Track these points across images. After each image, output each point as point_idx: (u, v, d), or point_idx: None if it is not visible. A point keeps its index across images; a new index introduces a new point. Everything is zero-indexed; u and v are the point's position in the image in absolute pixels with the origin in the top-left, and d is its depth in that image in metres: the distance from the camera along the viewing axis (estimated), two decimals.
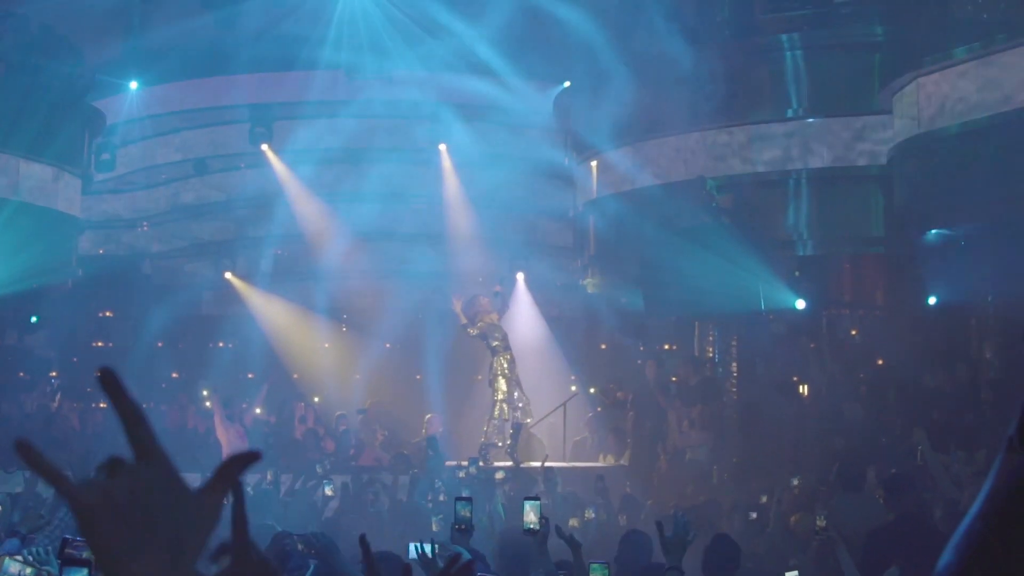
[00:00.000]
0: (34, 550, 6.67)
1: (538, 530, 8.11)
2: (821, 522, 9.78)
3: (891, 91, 18.26)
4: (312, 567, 5.96)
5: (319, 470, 14.92)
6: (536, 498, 8.31)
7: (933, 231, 17.77)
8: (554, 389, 24.11)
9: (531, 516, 8.03)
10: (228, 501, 1.80)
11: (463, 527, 8.23)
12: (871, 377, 20.59)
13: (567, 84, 24.67)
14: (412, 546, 8.11)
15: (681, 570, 7.63)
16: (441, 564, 7.75)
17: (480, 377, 24.35)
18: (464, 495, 9.23)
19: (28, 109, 21.27)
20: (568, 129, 24.58)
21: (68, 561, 5.83)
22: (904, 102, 17.98)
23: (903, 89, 17.89)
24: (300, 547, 9.03)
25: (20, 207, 21.56)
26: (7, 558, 6.58)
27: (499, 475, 16.21)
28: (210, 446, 22.13)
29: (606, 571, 7.70)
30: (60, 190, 22.81)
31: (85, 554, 5.79)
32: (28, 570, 6.43)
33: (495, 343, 20.18)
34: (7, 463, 18.90)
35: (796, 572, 8.87)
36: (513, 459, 19.53)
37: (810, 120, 19.76)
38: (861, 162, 19.04)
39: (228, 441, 21.25)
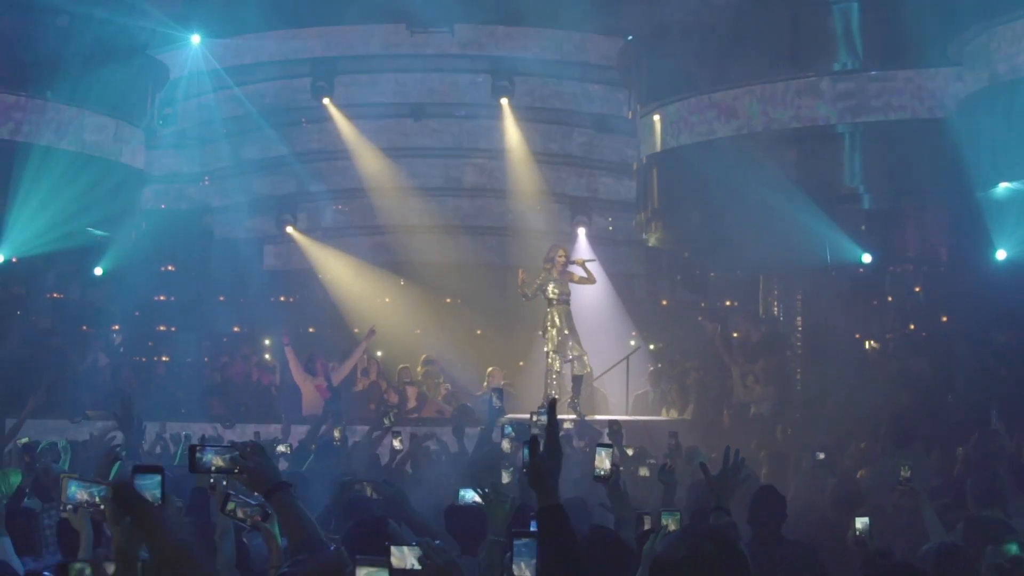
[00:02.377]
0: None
1: (609, 476, 8.07)
2: (905, 472, 9.66)
3: (961, 43, 18.02)
4: None
5: (386, 421, 14.88)
6: (609, 444, 8.25)
7: (1001, 185, 17.57)
8: (615, 344, 24.09)
9: (604, 462, 7.98)
10: None
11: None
12: (937, 333, 20.43)
13: (630, 37, 24.46)
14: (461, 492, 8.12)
15: (727, 510, 7.57)
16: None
17: (540, 332, 24.34)
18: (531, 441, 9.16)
19: (92, 62, 21.32)
20: (631, 82, 24.39)
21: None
22: (973, 54, 17.76)
23: (973, 41, 17.66)
24: (370, 493, 9.05)
25: (85, 159, 21.67)
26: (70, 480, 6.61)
27: (566, 425, 16.18)
28: (275, 398, 22.29)
29: (678, 517, 7.67)
30: (124, 143, 22.89)
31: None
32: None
33: (551, 296, 20.08)
34: (74, 413, 19.11)
35: (867, 519, 8.77)
36: (576, 411, 19.50)
37: (874, 72, 19.53)
38: (927, 114, 18.81)
39: (307, 394, 21.35)
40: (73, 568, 3.88)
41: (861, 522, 9.00)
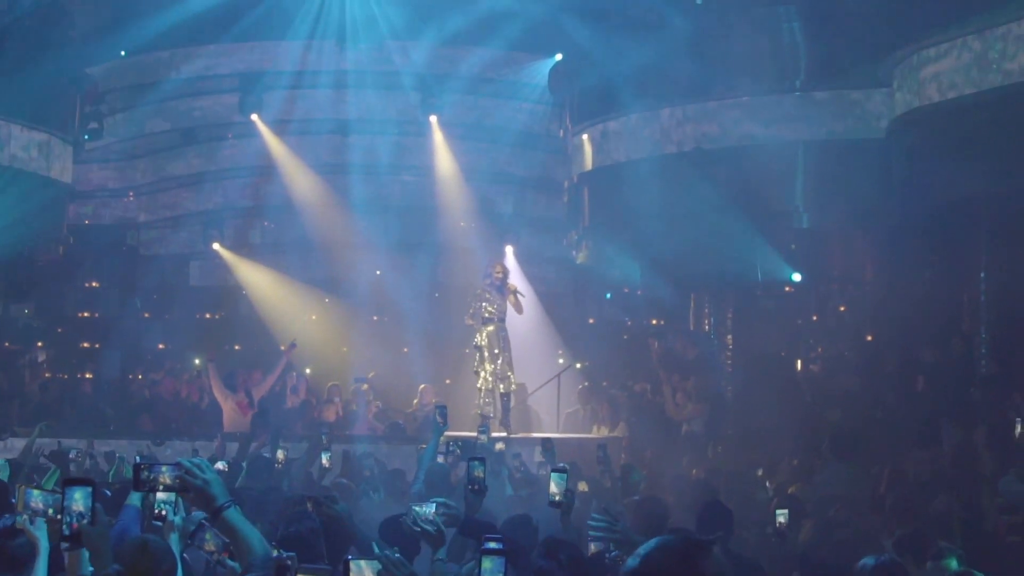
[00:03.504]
0: None
1: (563, 502, 8.10)
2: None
3: (890, 64, 18.24)
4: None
5: (324, 440, 14.83)
6: (564, 470, 8.27)
7: (931, 204, 17.77)
8: (544, 362, 24.11)
9: (556, 488, 8.03)
10: None
11: (476, 487, 8.22)
12: (867, 350, 20.63)
13: (559, 57, 24.57)
14: (414, 508, 8.10)
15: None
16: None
17: (467, 350, 24.31)
18: (478, 456, 9.18)
19: (21, 74, 21.11)
20: (562, 101, 24.49)
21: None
22: (903, 75, 17.96)
23: (902, 62, 17.87)
24: (310, 507, 8.99)
25: (11, 173, 21.43)
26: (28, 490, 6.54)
27: (499, 445, 16.17)
28: (204, 415, 22.12)
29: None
30: (52, 157, 22.68)
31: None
32: None
33: (486, 314, 20.07)
34: (1, 430, 18.87)
35: (787, 510, 9.05)
36: (506, 429, 19.52)
37: (808, 93, 19.71)
38: (860, 135, 19.00)
39: (227, 411, 21.20)
40: None
41: (781, 514, 9.18)
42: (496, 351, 20.07)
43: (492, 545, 5.85)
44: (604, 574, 7.47)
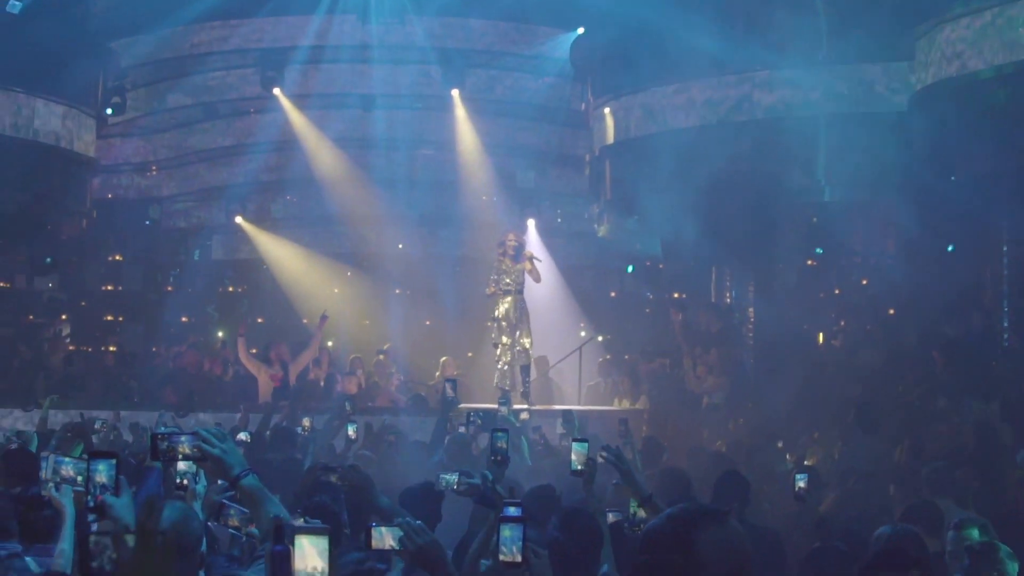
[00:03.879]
0: None
1: (584, 470, 8.14)
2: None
3: (912, 38, 18.19)
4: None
5: (348, 408, 14.91)
6: (584, 440, 8.32)
7: (953, 177, 17.74)
8: (565, 335, 24.16)
9: (577, 457, 8.08)
10: None
11: (499, 458, 8.27)
12: (889, 324, 20.62)
13: (581, 30, 24.57)
14: (443, 477, 8.14)
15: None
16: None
17: (489, 323, 24.37)
18: (500, 427, 9.24)
19: (44, 48, 21.19)
20: (584, 74, 24.49)
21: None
22: (924, 49, 17.92)
23: (924, 36, 17.83)
24: (334, 479, 9.05)
25: (36, 147, 21.54)
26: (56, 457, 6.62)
27: (523, 415, 16.24)
28: (228, 387, 22.24)
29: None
30: (75, 131, 22.78)
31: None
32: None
33: (504, 286, 20.10)
34: (26, 402, 19.01)
35: (806, 475, 9.15)
36: (526, 400, 19.58)
37: (830, 66, 19.67)
38: (882, 108, 18.95)
39: (263, 383, 21.29)
40: (91, 539, 3.89)
41: (801, 478, 9.22)
42: (515, 322, 20.11)
43: (512, 511, 5.91)
44: (623, 544, 7.53)
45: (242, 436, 13.49)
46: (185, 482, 7.50)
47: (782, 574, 8.42)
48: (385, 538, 5.84)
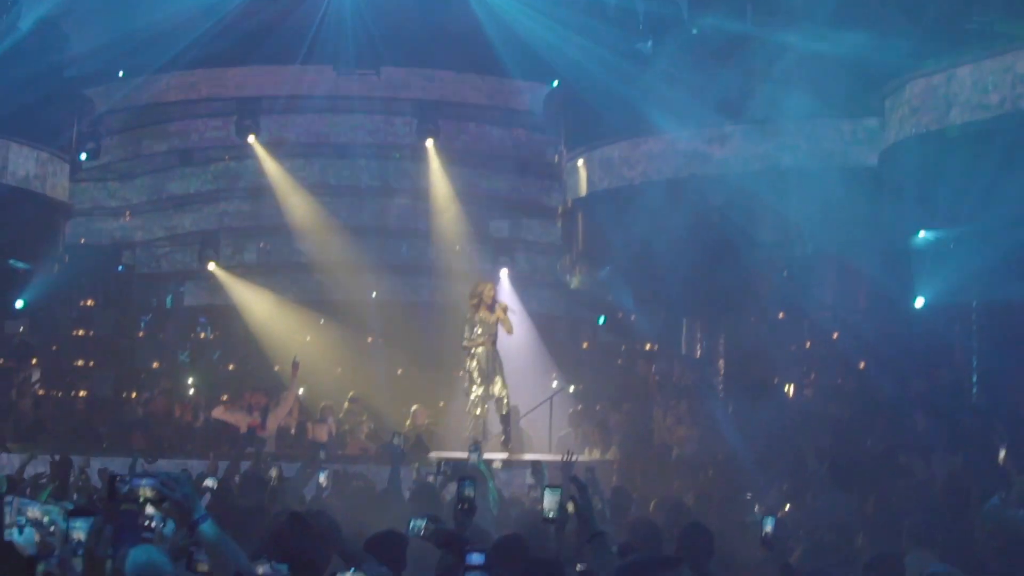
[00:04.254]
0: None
1: (556, 518, 8.14)
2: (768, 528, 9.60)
3: (883, 94, 18.35)
4: None
5: (322, 455, 14.95)
6: (558, 486, 8.32)
7: (921, 233, 17.86)
8: (537, 385, 24.18)
9: (551, 504, 8.07)
10: None
11: (465, 506, 8.27)
12: (859, 378, 20.70)
13: (556, 83, 24.73)
14: (412, 522, 8.15)
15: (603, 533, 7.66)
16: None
17: (461, 372, 24.35)
18: (468, 476, 9.26)
19: (19, 94, 21.23)
20: (557, 127, 24.64)
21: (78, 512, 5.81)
22: (895, 105, 18.08)
23: (895, 92, 17.99)
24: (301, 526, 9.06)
25: (9, 190, 21.54)
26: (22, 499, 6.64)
27: (496, 464, 16.26)
28: (197, 433, 22.20)
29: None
30: (49, 175, 22.79)
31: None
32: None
33: (478, 336, 20.09)
34: None
35: (773, 518, 9.17)
36: (507, 449, 19.59)
37: (797, 122, 19.79)
38: (851, 163, 19.08)
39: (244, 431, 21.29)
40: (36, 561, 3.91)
41: (768, 522, 9.22)
42: (488, 372, 20.08)
43: (475, 559, 5.95)
44: None
45: (209, 483, 13.45)
46: (153, 524, 7.50)
47: None
48: None
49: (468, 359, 20.22)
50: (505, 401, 20.18)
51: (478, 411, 20.06)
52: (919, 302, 18.35)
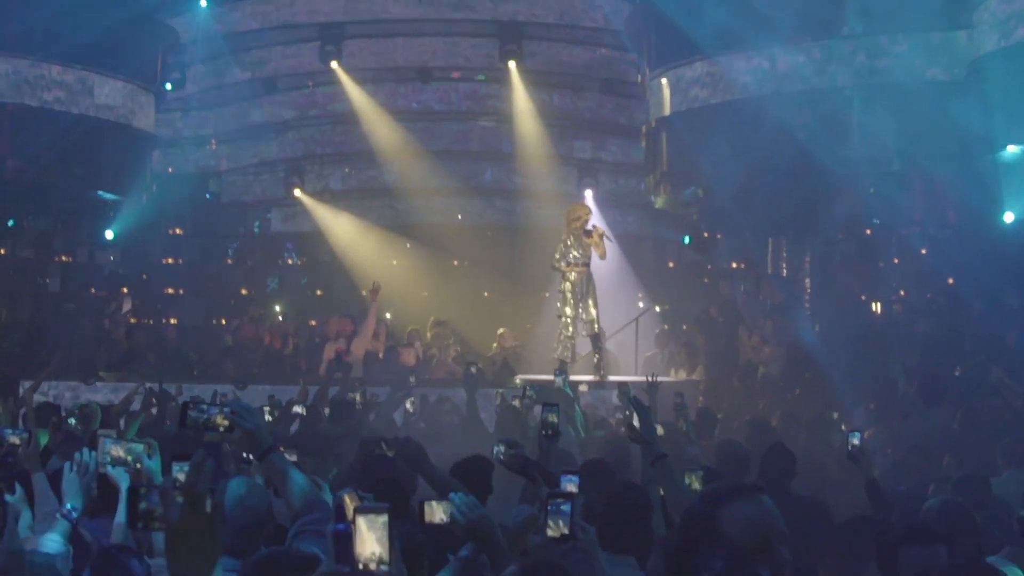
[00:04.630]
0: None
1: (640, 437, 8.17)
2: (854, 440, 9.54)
3: (971, 6, 18.05)
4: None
5: (412, 380, 15.05)
6: (644, 407, 8.34)
7: (1009, 148, 17.61)
8: (623, 306, 24.17)
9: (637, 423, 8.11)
10: None
11: (549, 432, 8.27)
12: (944, 296, 20.51)
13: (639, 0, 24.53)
14: (495, 447, 8.18)
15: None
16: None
17: (548, 295, 24.35)
18: (551, 402, 9.28)
19: (103, 25, 21.35)
20: (640, 44, 24.43)
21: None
22: (983, 17, 17.78)
23: (983, 3, 17.69)
24: (389, 452, 9.16)
25: (97, 123, 21.74)
26: (106, 439, 6.74)
27: (582, 388, 16.29)
28: (287, 360, 22.41)
29: (701, 476, 7.77)
30: (135, 107, 22.96)
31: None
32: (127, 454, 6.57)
33: (571, 259, 19.96)
34: (87, 375, 19.26)
35: (859, 433, 9.20)
36: (599, 372, 19.62)
37: (884, 36, 19.52)
38: (939, 77, 18.81)
39: (328, 357, 21.49)
40: (140, 491, 3.96)
41: (855, 436, 9.23)
42: (582, 295, 20.03)
43: (566, 484, 6.00)
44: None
45: (298, 409, 13.62)
46: (248, 456, 7.61)
47: (828, 543, 8.43)
48: (436, 512, 5.89)
49: (562, 281, 20.12)
50: (596, 324, 20.10)
51: (569, 332, 20.03)
52: (1008, 217, 18.10)
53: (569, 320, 19.97)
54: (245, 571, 4.96)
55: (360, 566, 3.96)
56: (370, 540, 3.97)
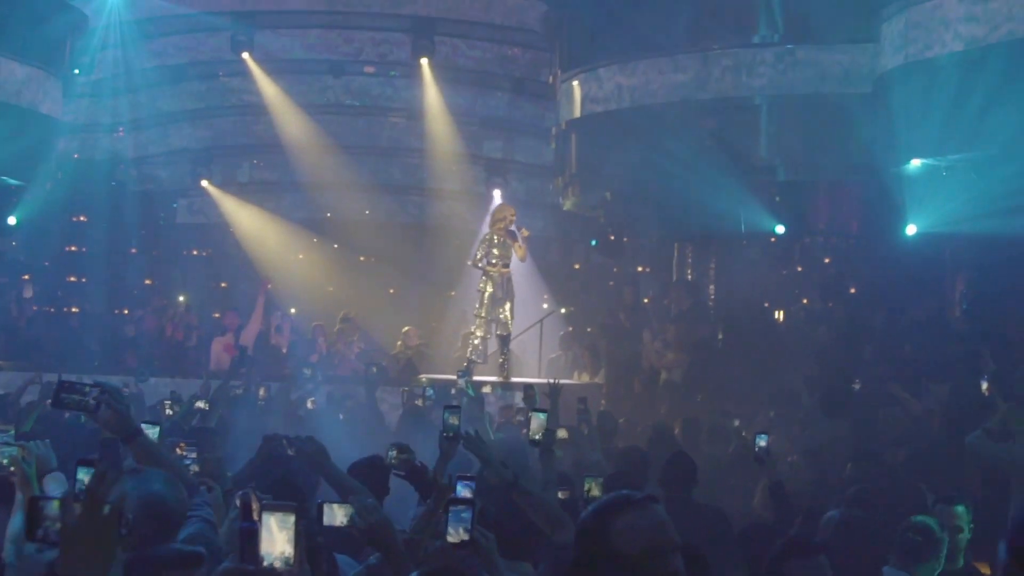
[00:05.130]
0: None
1: (542, 441, 8.25)
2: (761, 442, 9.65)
3: (878, 20, 18.25)
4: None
5: (307, 372, 15.00)
6: (543, 410, 8.44)
7: (913, 161, 17.84)
8: (528, 307, 24.20)
9: (537, 427, 8.18)
10: None
11: (451, 435, 8.28)
12: (845, 305, 20.75)
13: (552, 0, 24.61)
14: (388, 451, 8.17)
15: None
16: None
17: (454, 293, 24.39)
18: (453, 404, 9.31)
19: (10, 8, 21.09)
20: (553, 45, 24.50)
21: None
22: (890, 32, 18.00)
23: (891, 18, 17.89)
24: (290, 451, 9.13)
25: (2, 107, 21.43)
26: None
27: (486, 388, 16.33)
28: (188, 352, 22.26)
29: (601, 483, 7.84)
30: (42, 91, 22.64)
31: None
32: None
33: (492, 260, 19.96)
34: None
35: (767, 435, 9.30)
36: (503, 374, 19.62)
37: (794, 46, 19.71)
38: (846, 89, 19.03)
39: (216, 351, 21.36)
40: (39, 503, 3.92)
41: (761, 438, 9.33)
42: (500, 297, 20.02)
43: (462, 491, 6.02)
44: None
45: (200, 404, 13.53)
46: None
47: (727, 551, 8.53)
48: (336, 514, 5.87)
49: (482, 280, 20.10)
50: (509, 325, 20.13)
51: (480, 332, 20.03)
52: (911, 230, 18.34)
53: (483, 321, 19.96)
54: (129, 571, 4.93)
55: (265, 564, 3.95)
56: (280, 539, 3.96)
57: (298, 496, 7.36)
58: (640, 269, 26.33)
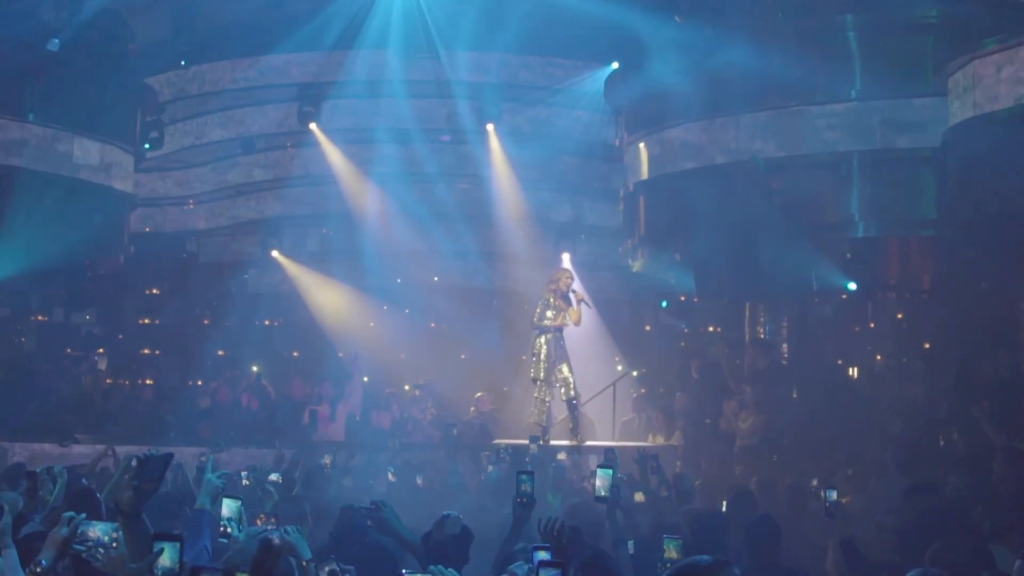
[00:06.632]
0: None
1: (608, 498, 8.19)
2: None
3: (946, 73, 18.16)
4: None
5: (391, 445, 14.99)
6: (609, 467, 8.38)
7: (987, 214, 17.68)
8: (600, 370, 24.11)
9: (602, 484, 8.14)
10: None
11: (524, 500, 8.23)
12: (926, 359, 20.48)
13: (615, 65, 24.67)
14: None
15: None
16: None
17: (524, 357, 24.31)
18: (527, 470, 9.25)
19: (83, 86, 21.39)
20: (618, 109, 24.55)
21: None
22: (959, 84, 17.89)
23: (959, 71, 17.80)
24: (368, 522, 9.11)
25: (75, 183, 21.71)
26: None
27: (561, 455, 16.22)
28: (263, 423, 22.32)
29: (680, 545, 7.76)
30: (114, 167, 22.94)
31: None
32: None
33: (546, 322, 19.82)
34: (63, 437, 19.11)
35: (835, 489, 9.12)
36: (576, 437, 19.43)
37: (864, 102, 19.62)
38: (915, 144, 18.91)
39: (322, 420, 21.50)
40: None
41: (832, 492, 9.21)
42: (555, 358, 19.86)
43: (542, 555, 5.97)
44: None
45: (273, 477, 13.49)
46: (228, 529, 7.56)
47: None
48: None
49: (536, 339, 19.97)
50: (572, 385, 19.94)
51: (538, 395, 19.89)
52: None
53: (543, 383, 19.77)
54: None
55: None
56: None
57: (387, 566, 7.34)
58: (711, 329, 26.17)
